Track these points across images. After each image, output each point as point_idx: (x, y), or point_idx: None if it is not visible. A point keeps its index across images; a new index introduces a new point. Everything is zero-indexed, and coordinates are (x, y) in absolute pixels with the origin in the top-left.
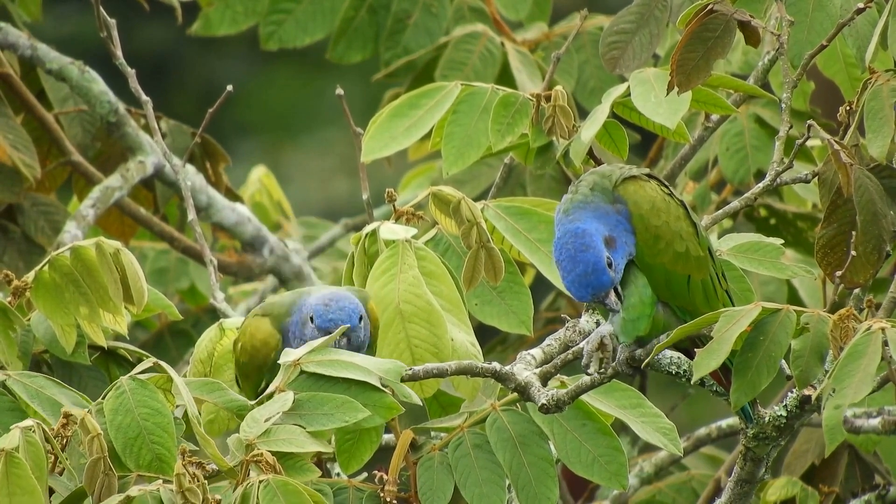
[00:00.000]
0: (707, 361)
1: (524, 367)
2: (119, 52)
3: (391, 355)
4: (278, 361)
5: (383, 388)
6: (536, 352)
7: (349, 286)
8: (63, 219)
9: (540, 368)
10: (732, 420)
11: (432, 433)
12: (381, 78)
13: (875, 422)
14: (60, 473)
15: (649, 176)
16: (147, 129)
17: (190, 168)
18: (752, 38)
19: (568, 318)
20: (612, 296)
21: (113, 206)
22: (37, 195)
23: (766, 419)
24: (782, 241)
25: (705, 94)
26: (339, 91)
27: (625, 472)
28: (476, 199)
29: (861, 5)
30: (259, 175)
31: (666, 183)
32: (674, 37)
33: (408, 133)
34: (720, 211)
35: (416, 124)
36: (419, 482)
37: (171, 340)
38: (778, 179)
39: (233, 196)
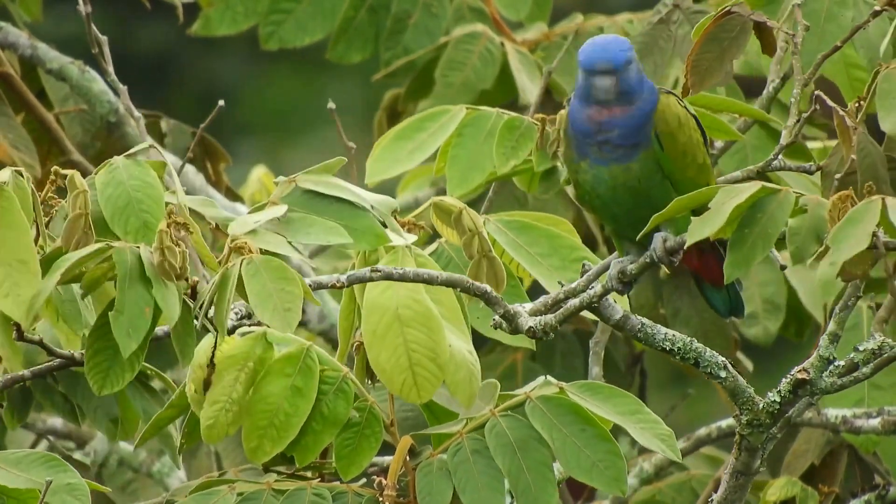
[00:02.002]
0: (701, 229)
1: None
2: (111, 69)
3: (388, 360)
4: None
5: (375, 216)
6: (527, 304)
7: None
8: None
9: (530, 306)
10: (732, 420)
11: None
12: (381, 78)
13: (875, 422)
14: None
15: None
16: (146, 128)
17: (190, 168)
18: (768, 44)
19: (562, 283)
20: (612, 80)
21: None
22: (36, 195)
23: (760, 406)
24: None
25: (709, 120)
26: (331, 105)
27: (624, 478)
28: None
29: (878, 7)
30: (259, 175)
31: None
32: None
33: (411, 156)
34: (730, 175)
35: (420, 147)
36: (418, 487)
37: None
38: (783, 162)
39: (233, 196)
